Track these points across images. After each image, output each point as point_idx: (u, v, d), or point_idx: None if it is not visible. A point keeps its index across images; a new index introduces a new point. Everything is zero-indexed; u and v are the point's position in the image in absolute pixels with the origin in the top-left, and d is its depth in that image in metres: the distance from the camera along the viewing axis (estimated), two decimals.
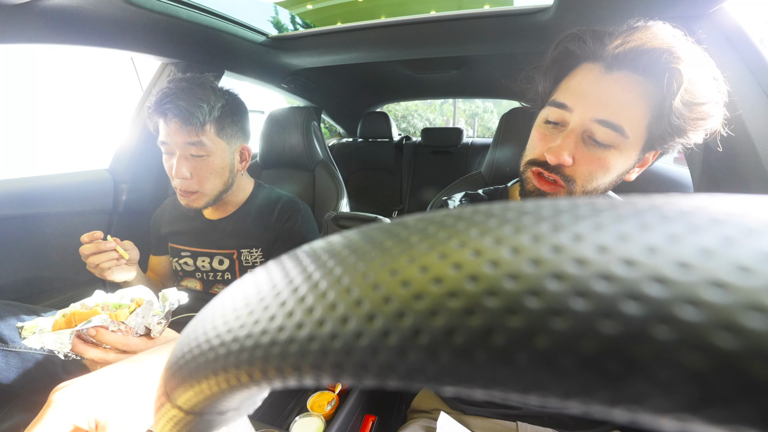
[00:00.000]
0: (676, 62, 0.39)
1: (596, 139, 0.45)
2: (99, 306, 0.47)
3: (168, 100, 0.68)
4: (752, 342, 0.06)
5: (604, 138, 0.44)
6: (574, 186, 0.48)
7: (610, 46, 0.44)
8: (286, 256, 0.12)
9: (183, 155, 0.71)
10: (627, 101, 0.43)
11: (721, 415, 0.06)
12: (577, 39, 0.47)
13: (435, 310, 0.08)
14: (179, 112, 0.68)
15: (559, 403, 0.07)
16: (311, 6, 1.75)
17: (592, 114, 0.44)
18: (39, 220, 0.93)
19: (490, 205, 0.10)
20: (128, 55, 0.99)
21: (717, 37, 0.66)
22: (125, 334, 0.46)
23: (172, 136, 0.70)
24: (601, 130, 0.44)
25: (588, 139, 0.46)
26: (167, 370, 0.13)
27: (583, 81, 0.46)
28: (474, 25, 1.03)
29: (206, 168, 0.73)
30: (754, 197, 0.08)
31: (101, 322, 0.44)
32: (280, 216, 0.85)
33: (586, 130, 0.45)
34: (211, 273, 0.83)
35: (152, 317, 0.48)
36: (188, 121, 0.69)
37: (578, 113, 0.45)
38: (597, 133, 0.44)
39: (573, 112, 0.46)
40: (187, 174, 0.72)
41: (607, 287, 0.07)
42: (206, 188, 0.75)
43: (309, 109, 1.20)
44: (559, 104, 0.47)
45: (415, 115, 10.70)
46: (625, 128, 0.43)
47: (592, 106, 0.44)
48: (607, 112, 0.43)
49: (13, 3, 0.67)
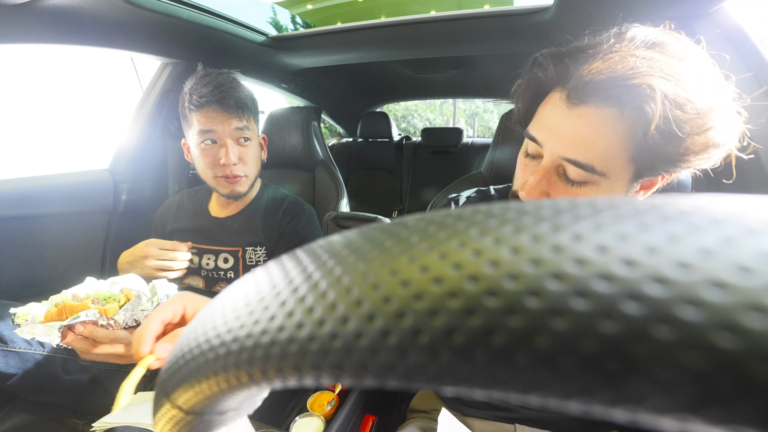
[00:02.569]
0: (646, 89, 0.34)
1: (569, 177, 0.41)
2: (89, 299, 0.48)
3: (223, 90, 0.73)
4: (752, 342, 0.06)
5: (576, 176, 0.40)
6: None
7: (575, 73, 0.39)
8: (287, 256, 0.12)
9: (232, 141, 0.76)
10: (593, 138, 0.38)
11: (721, 415, 0.06)
12: (539, 65, 0.43)
13: (435, 310, 0.08)
14: (236, 100, 0.74)
15: (559, 403, 0.07)
16: (311, 6, 1.75)
17: (560, 152, 0.41)
18: (39, 220, 0.93)
19: (490, 205, 0.10)
20: (128, 55, 0.99)
21: (717, 37, 0.66)
22: (114, 328, 0.47)
23: (223, 124, 0.74)
24: (571, 168, 0.40)
25: (562, 175, 0.42)
26: (167, 370, 0.13)
27: (552, 115, 0.42)
28: (474, 25, 1.03)
29: (250, 153, 0.80)
30: (754, 197, 0.08)
31: (90, 317, 0.45)
32: (284, 215, 0.86)
33: (559, 166, 0.42)
34: (215, 271, 0.84)
35: (141, 311, 0.49)
36: (241, 108, 0.75)
37: (548, 150, 0.42)
38: (568, 170, 0.41)
39: (544, 147, 0.43)
40: (236, 159, 0.77)
41: (607, 287, 0.07)
42: (250, 172, 0.81)
43: (309, 109, 1.20)
44: (531, 137, 0.44)
45: (415, 115, 10.70)
46: (595, 166, 0.38)
47: (558, 143, 0.41)
48: (572, 150, 0.39)
49: (13, 3, 0.67)
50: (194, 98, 0.73)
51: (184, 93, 0.75)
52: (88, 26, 0.81)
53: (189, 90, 0.74)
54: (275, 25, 1.47)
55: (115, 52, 0.93)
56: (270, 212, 0.87)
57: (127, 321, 0.48)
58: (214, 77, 0.74)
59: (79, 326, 0.45)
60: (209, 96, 0.72)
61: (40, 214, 0.93)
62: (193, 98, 0.73)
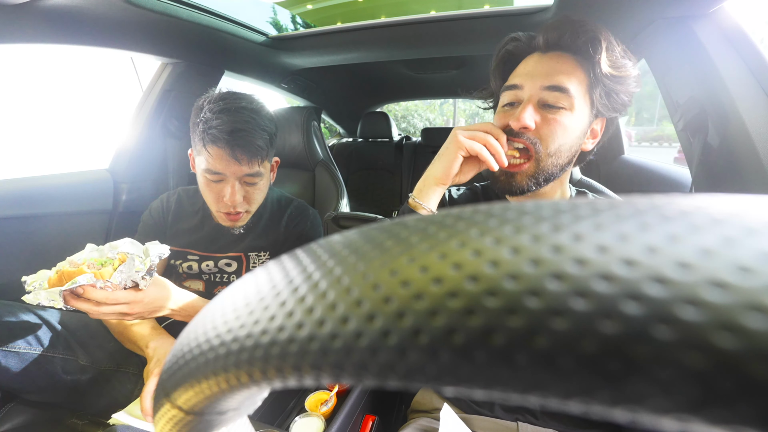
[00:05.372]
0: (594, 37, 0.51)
1: (549, 103, 0.53)
2: (85, 263, 0.52)
3: (241, 135, 0.66)
4: (752, 342, 0.06)
5: (555, 101, 0.53)
6: (539, 147, 0.54)
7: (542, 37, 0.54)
8: (287, 256, 0.12)
9: (239, 182, 0.71)
10: (565, 69, 0.53)
11: (721, 415, 0.06)
12: (515, 40, 0.58)
13: (435, 310, 0.08)
14: (249, 148, 0.67)
15: (559, 403, 0.07)
16: (311, 6, 1.75)
17: (540, 83, 0.53)
18: (39, 220, 0.93)
19: (490, 205, 0.10)
20: (128, 55, 0.99)
21: (717, 37, 0.66)
22: (112, 289, 0.51)
23: (232, 167, 0.68)
24: (550, 95, 0.53)
25: (542, 105, 0.54)
26: (167, 370, 0.13)
27: (527, 65, 0.56)
28: (474, 25, 1.03)
29: (257, 191, 0.75)
30: (754, 197, 0.08)
31: (87, 281, 0.49)
32: (290, 220, 0.86)
33: (539, 99, 0.54)
34: (218, 275, 0.82)
35: (135, 273, 0.52)
36: (255, 155, 0.69)
37: (528, 87, 0.54)
38: (548, 98, 0.53)
39: (524, 88, 0.55)
40: (241, 199, 0.72)
41: (607, 287, 0.07)
42: (254, 207, 0.78)
43: (309, 109, 1.20)
44: (510, 86, 0.57)
45: (415, 115, 10.70)
46: (569, 88, 0.52)
47: (538, 78, 0.54)
48: (551, 79, 0.53)
49: (13, 3, 0.67)
50: (207, 135, 0.66)
51: (198, 113, 0.68)
52: (88, 26, 0.81)
53: (203, 121, 0.66)
54: (275, 25, 1.47)
55: (115, 52, 0.93)
56: (275, 217, 0.86)
57: (125, 282, 0.52)
58: (232, 114, 0.66)
59: (78, 290, 0.49)
60: (223, 140, 0.65)
61: (40, 214, 0.93)
62: (205, 134, 0.66)
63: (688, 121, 0.70)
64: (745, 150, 0.62)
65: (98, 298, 0.50)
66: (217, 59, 1.16)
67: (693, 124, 0.70)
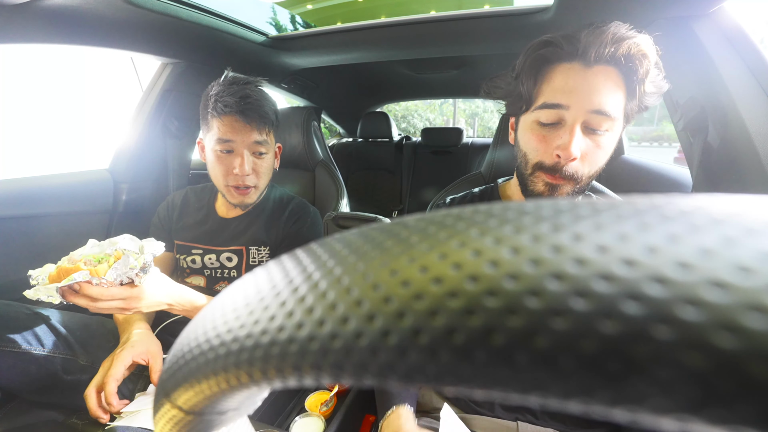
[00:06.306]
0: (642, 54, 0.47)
1: (593, 127, 0.50)
2: (82, 260, 0.53)
3: (249, 102, 0.73)
4: (752, 342, 0.06)
5: (599, 125, 0.50)
6: (581, 175, 0.52)
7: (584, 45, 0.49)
8: (287, 256, 0.12)
9: (249, 153, 0.76)
10: (608, 89, 0.49)
11: (721, 415, 0.06)
12: (551, 45, 0.52)
13: (435, 310, 0.08)
14: (260, 114, 0.74)
15: (559, 403, 0.07)
16: (311, 6, 1.75)
17: (587, 106, 0.49)
18: (39, 220, 0.93)
19: (490, 205, 0.10)
20: (128, 55, 0.99)
21: (717, 37, 0.66)
22: (108, 286, 0.53)
23: (242, 135, 0.74)
24: (595, 118, 0.50)
25: (586, 129, 0.51)
26: (167, 370, 0.13)
27: (569, 79, 0.51)
28: (474, 25, 1.03)
29: (264, 165, 0.80)
30: (754, 197, 0.08)
31: (83, 278, 0.50)
32: (290, 217, 0.87)
33: (584, 121, 0.50)
34: (219, 270, 0.84)
35: (129, 270, 0.54)
36: (264, 122, 0.75)
37: (574, 109, 0.50)
38: (592, 121, 0.50)
39: (569, 108, 0.50)
40: (250, 170, 0.77)
41: (607, 287, 0.07)
42: (261, 183, 0.81)
43: (309, 109, 1.20)
44: (552, 105, 0.51)
45: (415, 115, 10.70)
46: (612, 114, 0.49)
47: (584, 98, 0.49)
48: (597, 102, 0.49)
49: (13, 3, 0.67)
50: (219, 105, 0.72)
51: (209, 96, 0.75)
52: (88, 26, 0.81)
53: (214, 95, 0.73)
54: (275, 25, 1.47)
55: (115, 52, 0.93)
56: (276, 213, 0.88)
57: (120, 279, 0.54)
58: (242, 87, 0.74)
59: (75, 286, 0.51)
60: (234, 106, 0.72)
61: (40, 214, 0.93)
62: (217, 105, 0.72)
63: (688, 121, 0.70)
64: (745, 150, 0.62)
65: (94, 295, 0.52)
66: (217, 59, 1.16)
67: (693, 124, 0.70)
